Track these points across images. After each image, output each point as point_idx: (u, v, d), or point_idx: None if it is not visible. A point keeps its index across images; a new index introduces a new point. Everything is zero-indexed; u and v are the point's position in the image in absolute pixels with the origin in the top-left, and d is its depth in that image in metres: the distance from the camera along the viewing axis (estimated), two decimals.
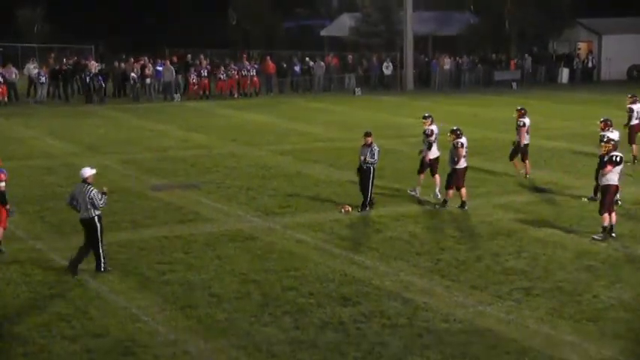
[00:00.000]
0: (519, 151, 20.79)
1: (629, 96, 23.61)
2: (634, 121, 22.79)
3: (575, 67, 50.97)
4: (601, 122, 18.96)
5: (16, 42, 53.72)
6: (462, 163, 17.69)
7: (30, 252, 14.95)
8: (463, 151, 17.56)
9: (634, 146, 22.78)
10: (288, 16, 68.37)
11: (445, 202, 18.05)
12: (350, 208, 17.76)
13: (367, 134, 17.68)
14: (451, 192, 17.93)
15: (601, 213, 15.46)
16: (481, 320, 11.64)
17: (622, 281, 13.29)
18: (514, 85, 47.20)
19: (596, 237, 15.46)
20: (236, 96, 42.36)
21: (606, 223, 15.47)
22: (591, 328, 11.33)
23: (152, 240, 15.64)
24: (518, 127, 20.71)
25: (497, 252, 14.85)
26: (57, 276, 13.52)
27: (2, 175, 14.41)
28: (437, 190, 18.66)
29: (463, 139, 17.68)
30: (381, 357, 10.44)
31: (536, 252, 14.83)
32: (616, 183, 15.38)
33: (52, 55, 45.14)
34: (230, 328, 11.33)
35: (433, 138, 18.62)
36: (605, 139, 15.82)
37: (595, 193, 17.77)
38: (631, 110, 22.80)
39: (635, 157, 22.59)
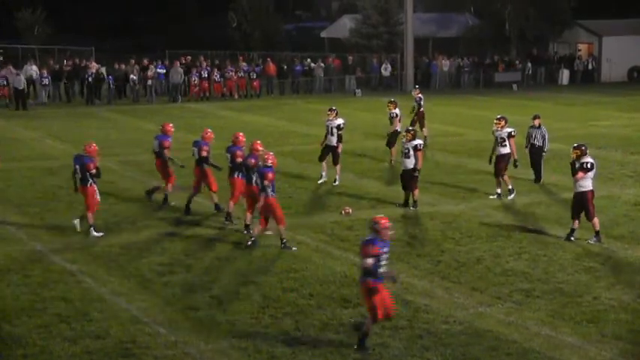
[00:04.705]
0: (395, 139, 23.13)
1: (416, 87, 28.82)
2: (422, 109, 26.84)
3: (575, 69, 50.98)
4: (497, 120, 20.00)
5: (16, 43, 53.63)
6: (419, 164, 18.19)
7: (30, 253, 14.96)
8: (420, 154, 18.13)
9: (425, 129, 26.48)
10: (289, 18, 68.38)
11: (414, 202, 18.23)
12: (351, 210, 17.76)
13: (535, 117, 20.21)
14: (417, 192, 18.18)
15: (590, 219, 15.42)
16: (481, 322, 11.64)
17: (622, 283, 13.30)
18: (514, 86, 47.21)
19: (591, 241, 15.47)
20: (236, 97, 42.38)
21: (598, 227, 15.49)
22: (592, 330, 11.33)
23: (152, 241, 15.65)
24: (392, 118, 23.60)
25: (497, 253, 14.86)
26: (57, 277, 13.52)
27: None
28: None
29: (420, 141, 18.36)
30: (382, 358, 10.45)
31: (537, 253, 14.84)
32: (590, 188, 15.36)
33: (51, 60, 45.15)
34: (231, 330, 11.33)
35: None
36: (575, 146, 15.64)
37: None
38: (421, 99, 26.71)
39: (426, 138, 25.41)
